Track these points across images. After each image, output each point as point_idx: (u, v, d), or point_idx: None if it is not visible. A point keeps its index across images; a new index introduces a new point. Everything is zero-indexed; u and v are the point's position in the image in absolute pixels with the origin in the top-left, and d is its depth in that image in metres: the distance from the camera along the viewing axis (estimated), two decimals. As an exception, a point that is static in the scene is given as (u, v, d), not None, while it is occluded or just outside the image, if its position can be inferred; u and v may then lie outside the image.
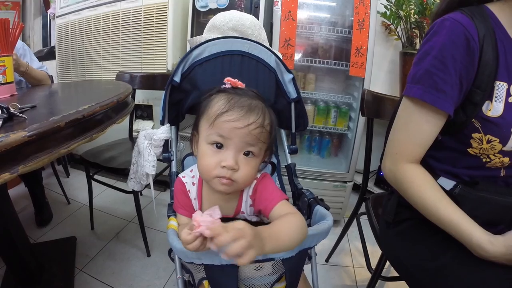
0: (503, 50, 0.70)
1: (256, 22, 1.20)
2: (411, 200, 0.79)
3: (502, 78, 0.70)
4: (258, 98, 0.79)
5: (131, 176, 1.17)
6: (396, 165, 0.81)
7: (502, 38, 0.71)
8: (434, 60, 0.71)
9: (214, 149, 0.75)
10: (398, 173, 0.81)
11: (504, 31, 0.72)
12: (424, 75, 0.73)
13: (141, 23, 2.18)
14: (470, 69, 0.70)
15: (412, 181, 0.78)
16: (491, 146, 0.72)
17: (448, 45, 0.69)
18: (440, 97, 0.71)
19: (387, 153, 0.84)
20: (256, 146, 0.76)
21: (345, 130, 2.07)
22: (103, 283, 1.55)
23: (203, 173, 0.78)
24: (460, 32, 0.69)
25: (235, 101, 0.75)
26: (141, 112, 2.38)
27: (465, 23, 0.69)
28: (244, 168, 0.75)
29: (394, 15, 2.10)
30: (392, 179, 0.83)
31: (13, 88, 1.31)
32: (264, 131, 0.77)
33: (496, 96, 0.70)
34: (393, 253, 0.96)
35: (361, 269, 1.73)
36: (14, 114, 0.82)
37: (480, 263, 0.71)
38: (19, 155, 0.68)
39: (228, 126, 0.73)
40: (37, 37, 3.41)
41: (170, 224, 0.80)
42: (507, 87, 0.70)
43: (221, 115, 0.73)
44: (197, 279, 0.84)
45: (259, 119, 0.75)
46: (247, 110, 0.74)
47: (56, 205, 2.22)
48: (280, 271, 0.80)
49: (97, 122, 0.96)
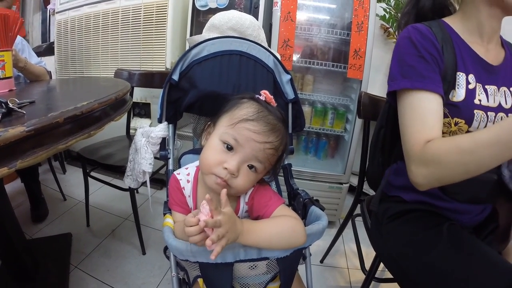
0: (459, 49, 0.85)
1: (255, 22, 1.20)
2: (459, 165, 0.70)
3: (461, 69, 0.84)
4: (282, 122, 0.80)
5: (127, 173, 1.17)
6: (421, 158, 0.75)
7: (457, 41, 0.86)
8: (411, 56, 0.82)
9: (224, 148, 0.75)
10: (427, 161, 0.74)
11: (458, 36, 0.87)
12: (409, 70, 0.82)
13: (141, 21, 2.19)
14: (440, 62, 0.82)
15: (441, 152, 0.72)
16: (458, 128, 0.83)
17: (418, 40, 0.82)
18: (428, 82, 0.79)
19: (410, 159, 0.79)
20: (262, 164, 0.76)
21: (342, 132, 2.07)
22: (98, 280, 1.55)
23: (203, 164, 0.78)
24: (424, 30, 0.84)
25: (263, 115, 0.76)
26: (139, 110, 2.38)
27: (423, 29, 0.84)
28: (243, 178, 0.75)
29: (393, 18, 2.11)
30: (428, 175, 0.75)
31: (11, 83, 1.31)
32: (275, 154, 0.78)
33: (458, 84, 0.83)
34: (384, 249, 0.98)
35: (356, 271, 1.74)
36: (13, 109, 0.82)
37: (470, 258, 0.75)
38: (17, 150, 0.68)
39: (247, 134, 0.73)
40: (36, 32, 3.41)
41: (165, 221, 0.80)
42: (465, 76, 0.84)
43: (246, 121, 0.74)
44: (192, 277, 0.85)
45: (277, 142, 0.76)
46: (270, 129, 0.75)
47: (52, 201, 2.22)
48: (275, 271, 0.81)
49: (95, 119, 0.96)
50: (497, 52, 0.91)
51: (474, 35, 0.87)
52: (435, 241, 0.82)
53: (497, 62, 0.89)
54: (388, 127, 1.08)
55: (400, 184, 0.97)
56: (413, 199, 0.94)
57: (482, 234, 0.93)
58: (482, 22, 0.85)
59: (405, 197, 0.96)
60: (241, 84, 1.05)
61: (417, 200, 0.93)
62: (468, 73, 0.84)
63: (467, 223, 0.92)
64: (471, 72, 0.84)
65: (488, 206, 0.94)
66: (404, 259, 0.88)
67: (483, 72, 0.86)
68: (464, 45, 0.86)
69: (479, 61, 0.86)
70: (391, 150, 1.07)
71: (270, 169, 0.82)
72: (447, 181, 0.74)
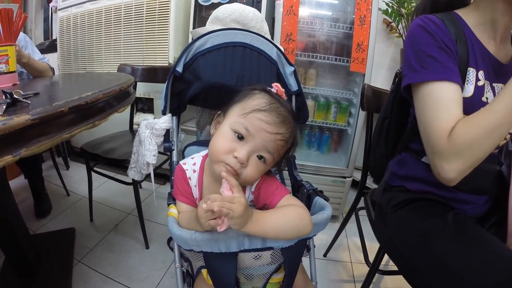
0: (471, 44, 0.83)
1: (258, 14, 1.20)
2: (491, 144, 0.70)
3: (472, 65, 0.82)
4: (292, 115, 0.81)
5: (131, 166, 1.17)
6: (452, 150, 0.72)
7: (469, 35, 0.84)
8: (430, 46, 0.80)
9: (234, 137, 0.75)
10: (459, 152, 0.72)
11: (470, 30, 0.85)
12: (429, 60, 0.79)
13: (143, 16, 2.18)
14: (456, 56, 0.80)
15: (472, 138, 0.70)
16: None
17: (435, 31, 0.80)
18: (451, 73, 0.77)
19: (438, 154, 0.76)
20: (271, 155, 0.77)
21: (345, 125, 2.07)
22: (101, 274, 1.56)
23: (213, 152, 0.78)
24: (438, 22, 0.81)
25: (275, 107, 0.77)
26: (142, 105, 2.38)
27: (437, 21, 0.82)
28: (251, 168, 0.76)
29: (395, 13, 2.11)
30: (463, 166, 0.72)
31: (15, 78, 1.31)
32: (285, 146, 0.78)
33: (467, 79, 0.82)
34: (388, 239, 0.98)
35: (359, 265, 1.75)
36: (18, 99, 0.82)
37: (475, 246, 0.75)
38: (22, 138, 0.69)
39: (259, 124, 0.74)
40: (39, 30, 3.41)
41: (170, 212, 0.81)
42: (475, 72, 0.82)
43: (258, 112, 0.75)
44: (196, 267, 0.85)
45: (287, 134, 0.77)
46: (282, 120, 0.75)
47: (55, 197, 2.22)
48: (279, 261, 0.81)
49: (99, 110, 0.96)
50: (508, 49, 0.89)
51: (486, 30, 0.85)
52: (439, 229, 0.82)
53: (507, 60, 0.87)
54: (393, 118, 1.08)
55: (404, 174, 0.97)
56: (417, 189, 0.94)
57: (486, 224, 0.93)
58: (496, 18, 0.82)
59: (409, 186, 0.96)
60: (244, 75, 1.05)
61: (421, 190, 0.93)
62: (478, 70, 0.83)
63: (471, 213, 0.91)
64: (481, 69, 0.83)
65: (491, 197, 0.94)
66: (408, 247, 0.87)
67: (492, 69, 0.85)
68: (476, 41, 0.84)
69: (489, 58, 0.85)
70: (396, 142, 1.07)
71: (278, 161, 0.82)
72: (477, 164, 0.73)
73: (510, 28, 0.86)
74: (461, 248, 0.76)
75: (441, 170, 0.75)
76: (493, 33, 0.85)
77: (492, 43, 0.86)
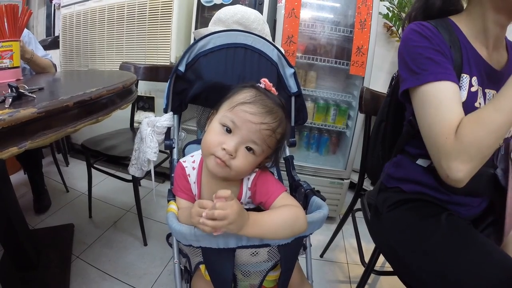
0: (466, 50, 0.85)
1: (260, 16, 1.22)
2: (497, 139, 0.70)
3: (466, 71, 0.84)
4: (281, 108, 0.81)
5: (132, 162, 1.19)
6: (461, 149, 0.71)
7: (463, 42, 0.86)
8: (426, 49, 0.81)
9: (223, 131, 0.77)
10: (467, 150, 0.71)
11: (464, 36, 0.87)
12: (427, 62, 0.80)
13: (146, 15, 2.20)
14: (451, 61, 0.82)
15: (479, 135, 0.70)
16: None
17: (429, 35, 0.82)
18: (449, 73, 0.79)
19: (446, 155, 0.74)
20: (259, 146, 0.77)
21: (343, 128, 2.09)
22: (99, 270, 1.57)
23: (204, 147, 0.80)
24: (432, 28, 0.83)
25: (260, 98, 0.78)
26: (143, 103, 2.40)
27: (431, 28, 0.83)
28: (241, 159, 0.76)
29: (396, 17, 2.13)
30: (471, 164, 0.71)
31: (19, 73, 1.33)
32: (273, 136, 0.78)
33: (461, 85, 0.83)
34: (383, 238, 1.00)
35: (355, 266, 1.76)
36: (23, 93, 0.83)
37: (468, 247, 0.77)
38: (27, 130, 0.70)
39: (244, 116, 0.75)
40: (41, 27, 3.42)
41: (170, 207, 0.82)
42: (469, 78, 0.84)
43: (242, 104, 0.76)
44: (194, 263, 0.86)
45: (274, 123, 0.77)
46: (266, 111, 0.76)
47: (55, 193, 2.24)
48: (275, 258, 0.82)
49: (103, 106, 0.98)
50: (501, 55, 0.90)
51: (479, 37, 0.87)
52: (433, 229, 0.83)
53: (500, 66, 0.89)
54: (389, 121, 1.09)
55: (400, 176, 0.99)
56: (412, 190, 0.96)
57: (480, 226, 0.95)
58: (487, 26, 0.84)
59: (404, 188, 0.97)
60: (245, 76, 1.07)
61: (416, 192, 0.95)
62: (472, 76, 0.84)
63: (465, 215, 0.93)
64: (475, 75, 0.84)
65: (486, 199, 0.95)
66: (402, 247, 0.89)
67: (485, 75, 0.86)
68: (470, 47, 0.86)
69: (483, 64, 0.86)
70: (392, 144, 1.09)
71: (270, 153, 0.83)
72: (483, 163, 0.72)
73: (501, 36, 0.87)
74: (453, 248, 0.78)
75: (449, 171, 0.73)
76: (485, 40, 0.87)
77: (485, 49, 0.88)
